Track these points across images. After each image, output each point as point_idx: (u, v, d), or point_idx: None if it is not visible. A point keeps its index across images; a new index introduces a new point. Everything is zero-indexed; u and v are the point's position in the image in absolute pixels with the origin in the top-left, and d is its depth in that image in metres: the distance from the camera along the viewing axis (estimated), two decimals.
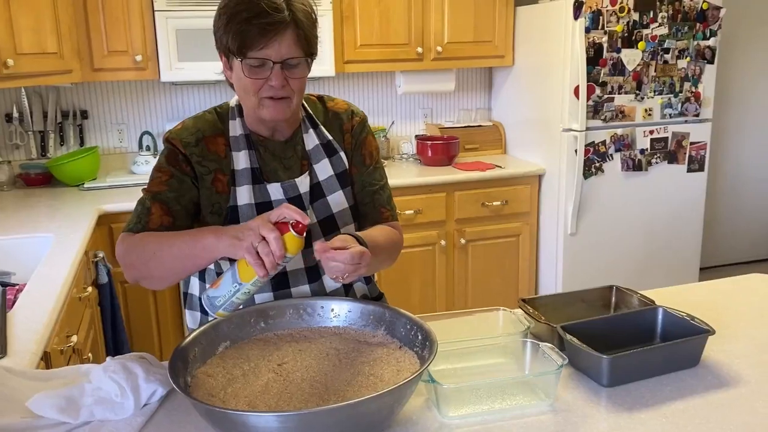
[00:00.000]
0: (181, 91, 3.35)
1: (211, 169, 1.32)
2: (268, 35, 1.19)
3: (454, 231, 3.26)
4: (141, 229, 1.28)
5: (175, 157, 1.31)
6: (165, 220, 1.28)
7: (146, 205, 1.30)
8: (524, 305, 1.42)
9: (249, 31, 1.19)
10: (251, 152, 1.34)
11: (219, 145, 1.33)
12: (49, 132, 3.17)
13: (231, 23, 1.21)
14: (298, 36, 1.22)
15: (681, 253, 3.50)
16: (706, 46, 3.26)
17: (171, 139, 1.33)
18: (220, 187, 1.32)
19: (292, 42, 1.22)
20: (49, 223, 2.46)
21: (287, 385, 1.07)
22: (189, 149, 1.31)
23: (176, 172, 1.30)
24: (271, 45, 1.20)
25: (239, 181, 1.32)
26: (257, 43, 1.20)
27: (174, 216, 1.29)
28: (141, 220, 1.29)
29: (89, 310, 2.23)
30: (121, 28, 2.88)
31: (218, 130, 1.34)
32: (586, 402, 1.16)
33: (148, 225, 1.28)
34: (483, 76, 3.86)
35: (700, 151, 3.40)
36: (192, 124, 1.35)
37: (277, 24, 1.19)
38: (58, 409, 1.06)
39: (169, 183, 1.30)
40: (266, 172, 1.36)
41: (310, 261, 1.37)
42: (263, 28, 1.19)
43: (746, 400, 1.15)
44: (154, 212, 1.28)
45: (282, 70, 1.23)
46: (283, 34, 1.20)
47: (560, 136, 3.22)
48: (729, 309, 1.54)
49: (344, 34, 3.18)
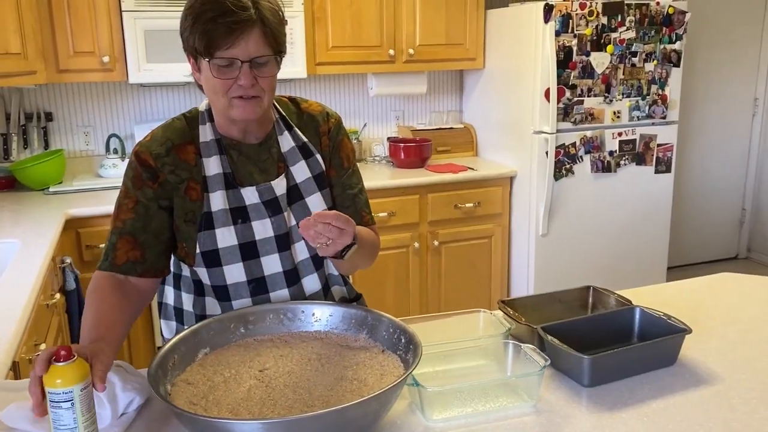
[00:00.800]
0: (149, 92, 3.30)
1: (184, 178, 1.30)
2: (234, 34, 1.18)
3: (428, 233, 3.27)
4: (108, 267, 1.27)
5: (140, 179, 1.29)
6: (132, 255, 1.28)
7: (112, 241, 1.29)
8: (504, 307, 1.43)
9: (215, 31, 1.17)
10: (222, 157, 1.32)
11: (189, 153, 1.31)
12: (12, 135, 3.08)
13: (197, 23, 1.19)
14: (266, 34, 1.21)
15: (649, 252, 3.56)
16: (672, 49, 3.33)
17: (140, 153, 1.30)
18: (194, 195, 1.30)
19: (259, 40, 1.20)
20: (14, 228, 2.39)
21: (270, 392, 1.05)
22: (160, 160, 1.29)
23: (141, 197, 1.28)
24: (238, 44, 1.18)
25: (212, 186, 1.30)
26: (224, 42, 1.18)
27: (143, 247, 1.28)
28: (108, 257, 1.28)
29: (57, 317, 2.18)
30: (87, 29, 2.82)
31: (187, 137, 1.32)
32: (567, 402, 1.16)
33: (115, 262, 1.28)
34: (454, 78, 3.88)
35: (666, 152, 3.46)
36: (161, 134, 1.32)
37: (243, 22, 1.18)
38: (31, 421, 1.03)
39: (136, 210, 1.29)
40: (240, 176, 1.34)
41: (288, 264, 1.35)
42: (229, 27, 1.17)
43: (723, 397, 1.17)
44: (119, 248, 1.28)
45: (251, 69, 1.21)
46: (249, 33, 1.19)
47: (531, 138, 3.25)
48: (702, 308, 1.57)
49: (316, 35, 3.17)
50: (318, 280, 1.39)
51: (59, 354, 0.90)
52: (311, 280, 1.38)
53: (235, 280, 1.33)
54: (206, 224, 1.30)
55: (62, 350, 0.90)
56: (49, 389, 0.89)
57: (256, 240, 1.33)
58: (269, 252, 1.34)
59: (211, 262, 1.32)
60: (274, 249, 1.34)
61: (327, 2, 3.15)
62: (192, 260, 1.33)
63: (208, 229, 1.30)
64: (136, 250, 1.27)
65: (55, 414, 0.90)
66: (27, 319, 1.62)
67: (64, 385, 0.89)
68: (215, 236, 1.30)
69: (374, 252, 1.43)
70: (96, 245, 2.69)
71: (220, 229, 1.30)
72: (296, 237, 1.36)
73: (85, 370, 0.92)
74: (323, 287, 1.41)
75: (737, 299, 1.63)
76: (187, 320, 1.39)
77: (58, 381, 0.89)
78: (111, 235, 1.30)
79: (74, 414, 0.90)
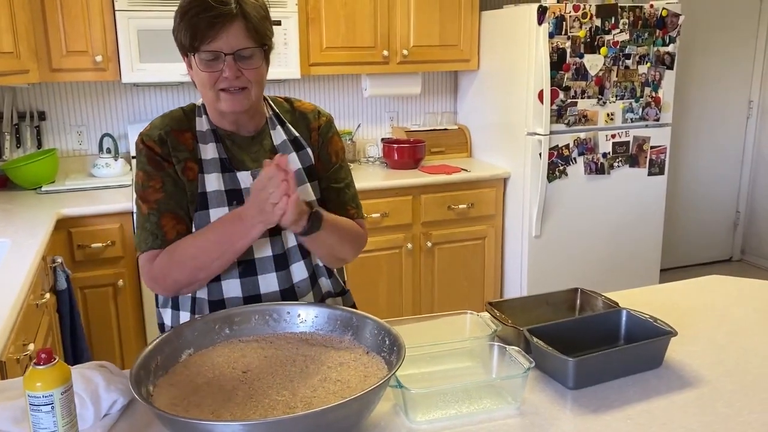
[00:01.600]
0: (143, 92, 3.29)
1: (182, 159, 1.35)
2: (215, 27, 1.24)
3: (421, 234, 3.27)
4: (161, 245, 1.31)
5: (157, 161, 1.34)
6: (180, 228, 1.33)
7: (153, 220, 1.32)
8: (491, 308, 1.43)
9: (197, 25, 1.24)
10: (218, 145, 1.37)
11: (187, 139, 1.36)
12: (5, 134, 3.07)
13: (183, 20, 1.26)
14: (247, 27, 1.26)
15: (642, 254, 3.56)
16: (665, 52, 3.33)
17: (145, 141, 1.35)
18: (191, 175, 1.35)
19: (241, 33, 1.26)
20: (6, 227, 2.38)
21: (253, 393, 1.05)
22: (162, 146, 1.34)
23: (165, 177, 1.33)
24: (219, 37, 1.24)
25: (207, 169, 1.35)
26: (206, 36, 1.24)
27: (183, 220, 1.34)
28: (158, 236, 1.31)
29: (47, 317, 2.17)
30: (80, 28, 2.82)
31: (185, 126, 1.37)
32: (552, 404, 1.16)
33: (167, 238, 1.31)
34: (449, 79, 3.88)
35: (660, 154, 3.47)
36: (160, 122, 1.38)
37: (223, 16, 1.24)
38: (13, 421, 1.02)
39: (165, 190, 1.33)
40: (235, 163, 1.38)
41: (278, 249, 1.38)
42: (210, 22, 1.24)
43: (708, 400, 1.17)
44: (165, 224, 1.32)
45: (235, 62, 1.26)
46: (230, 26, 1.25)
47: (525, 139, 3.25)
48: (690, 310, 1.57)
49: (310, 36, 3.16)
50: (305, 268, 1.42)
51: (40, 357, 0.89)
52: (299, 267, 1.41)
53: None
54: (201, 204, 1.34)
55: (43, 353, 0.89)
56: (29, 392, 0.89)
57: None
58: (261, 236, 1.35)
59: None
60: (266, 233, 1.36)
61: (321, 3, 3.15)
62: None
63: (202, 209, 1.34)
64: (181, 223, 1.33)
65: (35, 417, 0.90)
66: (15, 318, 1.62)
67: (44, 389, 0.89)
68: (209, 216, 1.34)
69: (355, 243, 1.45)
70: (88, 245, 2.68)
71: (214, 209, 1.34)
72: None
73: (65, 373, 0.91)
74: (310, 276, 1.43)
75: (726, 302, 1.63)
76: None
77: (38, 384, 0.89)
78: (149, 216, 1.32)
79: (54, 417, 0.89)
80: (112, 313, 2.79)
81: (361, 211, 1.52)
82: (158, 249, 1.31)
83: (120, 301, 2.79)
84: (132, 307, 2.82)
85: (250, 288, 1.36)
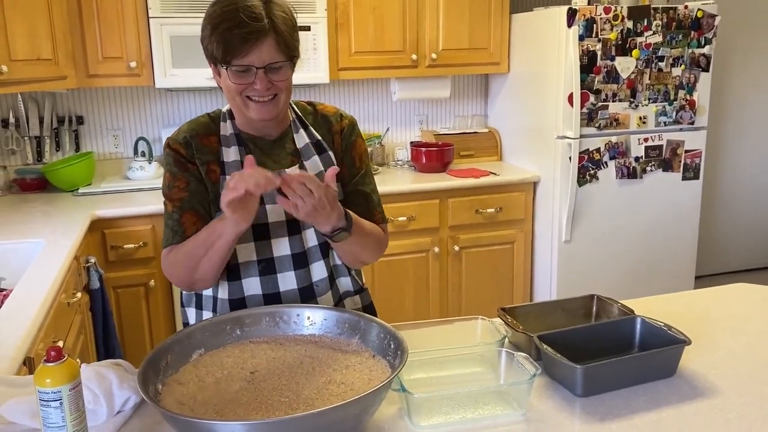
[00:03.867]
0: (176, 97, 3.37)
1: (205, 161, 1.38)
2: (248, 43, 1.26)
3: (448, 238, 3.26)
4: (180, 241, 1.35)
5: (182, 163, 1.38)
6: (199, 226, 1.35)
7: (175, 218, 1.37)
8: (503, 314, 1.42)
9: (230, 41, 1.26)
10: (241, 148, 1.40)
11: (212, 142, 1.40)
12: (45, 137, 3.18)
13: (214, 34, 1.28)
14: (278, 42, 1.28)
15: (676, 261, 3.49)
16: (701, 54, 3.26)
17: (171, 144, 1.40)
18: (214, 177, 1.39)
19: (272, 48, 1.28)
20: (42, 228, 2.47)
21: (257, 394, 1.07)
22: (187, 148, 1.38)
23: (190, 177, 1.38)
24: (252, 52, 1.26)
25: (228, 171, 1.38)
26: (239, 51, 1.26)
27: (204, 220, 1.37)
28: (177, 232, 1.36)
29: (79, 315, 2.24)
30: (115, 35, 2.90)
31: (211, 130, 1.41)
32: (559, 412, 1.16)
33: (185, 234, 1.35)
34: (479, 82, 3.86)
35: (695, 159, 3.39)
36: (187, 127, 1.43)
37: (256, 33, 1.26)
38: (30, 415, 1.06)
39: (189, 189, 1.37)
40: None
41: (297, 248, 1.40)
42: (244, 38, 1.25)
43: (720, 411, 1.14)
44: (185, 221, 1.36)
45: (266, 75, 1.29)
46: (263, 42, 1.26)
47: (554, 143, 3.22)
48: (710, 318, 1.54)
49: (339, 41, 3.19)
50: (325, 267, 1.43)
51: (49, 354, 0.93)
52: (319, 266, 1.43)
53: (245, 259, 1.39)
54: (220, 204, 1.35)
55: (52, 351, 0.93)
56: (39, 388, 0.93)
57: (268, 222, 1.39)
58: (280, 235, 1.40)
59: None
60: (285, 233, 1.40)
61: (350, 8, 3.18)
62: None
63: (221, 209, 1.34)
64: (200, 222, 1.36)
65: (45, 412, 0.93)
66: (44, 316, 1.68)
67: (53, 385, 0.92)
68: None
69: (377, 247, 1.46)
70: (121, 246, 2.76)
71: None
72: (307, 225, 1.41)
73: (74, 370, 0.95)
74: (329, 276, 1.45)
75: (748, 311, 1.59)
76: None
77: (48, 381, 0.92)
78: (172, 214, 1.38)
79: (63, 413, 0.93)
80: (143, 312, 2.87)
81: (385, 216, 1.54)
82: (176, 245, 1.36)
83: (151, 300, 2.87)
84: (163, 307, 2.89)
85: (269, 286, 1.39)
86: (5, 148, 3.15)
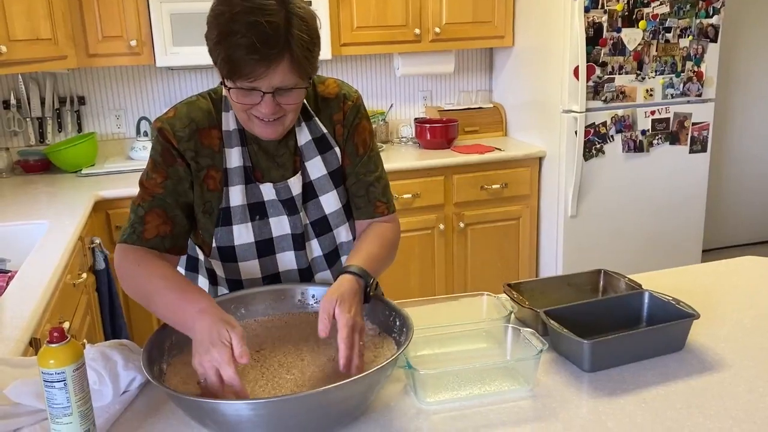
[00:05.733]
0: (177, 75, 3.34)
1: (204, 165, 1.26)
2: (258, 70, 1.10)
3: (453, 215, 3.25)
4: (135, 241, 1.23)
5: (169, 153, 1.25)
6: (162, 230, 1.24)
7: (140, 213, 1.25)
8: (509, 290, 1.41)
9: (237, 63, 1.09)
10: (244, 149, 1.28)
11: (213, 139, 1.27)
12: (47, 118, 3.17)
13: (221, 44, 1.10)
14: (292, 64, 1.12)
15: (683, 235, 3.47)
16: (709, 24, 3.20)
17: (164, 131, 1.25)
18: (212, 184, 1.27)
19: (285, 72, 1.12)
20: (46, 209, 2.47)
21: (264, 372, 1.07)
22: (182, 144, 1.25)
23: (172, 173, 1.25)
24: (262, 77, 1.11)
25: (232, 180, 1.27)
26: (246, 75, 1.11)
27: (173, 222, 1.25)
28: (135, 230, 1.24)
29: (85, 296, 2.24)
30: (115, 13, 2.87)
31: (213, 122, 1.27)
32: (566, 387, 1.15)
33: (144, 236, 1.23)
34: (484, 57, 3.82)
35: (702, 131, 3.35)
36: (185, 113, 1.27)
37: (268, 59, 1.09)
38: (36, 396, 1.06)
39: (165, 185, 1.25)
40: (258, 171, 1.31)
41: (303, 263, 1.35)
42: (254, 64, 1.09)
43: (728, 385, 1.13)
44: (149, 221, 1.24)
45: (273, 98, 1.15)
46: (275, 67, 1.11)
47: (560, 117, 3.18)
48: (718, 292, 1.53)
49: (340, 16, 3.15)
50: (332, 276, 1.38)
51: (52, 335, 0.93)
52: (325, 275, 1.38)
53: (249, 276, 1.33)
54: (224, 220, 1.29)
55: (55, 332, 0.92)
56: (42, 369, 0.93)
57: (273, 237, 1.32)
58: (285, 249, 1.33)
59: (226, 258, 1.32)
60: (290, 246, 1.33)
61: None
62: (208, 250, 1.34)
63: (225, 225, 1.29)
64: (166, 224, 1.24)
65: (49, 393, 0.93)
66: (49, 297, 1.68)
67: (56, 366, 0.92)
68: (232, 233, 1.29)
69: (391, 254, 1.37)
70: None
71: (237, 225, 1.29)
72: (311, 235, 1.35)
73: (77, 351, 0.94)
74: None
75: (756, 284, 1.57)
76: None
77: (51, 362, 0.92)
78: (138, 207, 1.26)
79: (67, 393, 0.93)
80: None
81: (392, 204, 1.41)
82: (132, 244, 1.24)
83: None
84: None
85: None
86: (7, 130, 3.14)
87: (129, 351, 1.18)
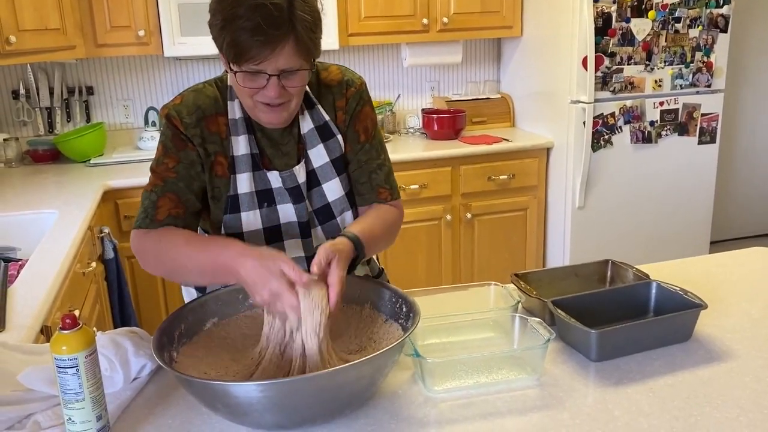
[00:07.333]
0: (185, 65, 3.35)
1: (211, 152, 1.28)
2: (264, 52, 1.12)
3: (460, 205, 3.25)
4: (149, 225, 1.26)
5: (179, 138, 1.27)
6: (174, 212, 1.26)
7: (153, 198, 1.26)
8: (516, 280, 1.42)
9: (242, 45, 1.12)
10: (250, 137, 1.29)
11: (220, 125, 1.28)
12: (56, 108, 3.18)
13: (226, 29, 1.12)
14: (297, 46, 1.14)
15: (691, 226, 3.46)
16: (719, 14, 3.18)
17: (171, 117, 1.27)
18: (220, 170, 1.29)
19: (290, 54, 1.14)
20: (54, 199, 2.48)
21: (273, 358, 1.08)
22: (189, 131, 1.26)
23: (184, 158, 1.26)
24: (267, 59, 1.13)
25: (239, 167, 1.29)
26: (252, 58, 1.13)
27: (185, 206, 1.27)
28: (148, 215, 1.26)
29: (95, 285, 2.26)
30: (123, 3, 2.87)
31: (219, 108, 1.29)
32: (573, 376, 1.15)
33: (156, 218, 1.25)
34: (492, 47, 3.80)
35: (711, 122, 3.33)
36: (192, 100, 1.28)
37: (274, 41, 1.11)
38: (48, 382, 1.08)
39: (177, 170, 1.26)
40: (265, 158, 1.32)
41: (309, 250, 1.35)
42: (259, 46, 1.11)
43: (735, 375, 1.14)
44: (161, 205, 1.25)
45: (279, 81, 1.17)
46: (281, 49, 1.13)
47: (568, 108, 3.17)
48: (726, 283, 1.53)
49: (348, 6, 3.14)
50: None
51: (65, 322, 0.94)
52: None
53: None
54: (232, 207, 1.30)
55: (67, 318, 0.93)
56: (55, 356, 0.94)
57: (280, 224, 1.33)
58: (292, 236, 1.34)
59: None
60: (297, 234, 1.34)
61: None
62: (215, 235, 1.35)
63: (233, 212, 1.30)
64: (179, 207, 1.26)
65: (62, 379, 0.94)
66: (60, 285, 1.69)
67: (69, 352, 0.93)
68: (240, 220, 1.30)
69: (390, 234, 1.38)
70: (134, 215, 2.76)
71: (245, 212, 1.30)
72: (315, 223, 1.36)
73: (89, 337, 0.96)
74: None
75: (764, 275, 1.57)
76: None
77: (64, 348, 0.93)
78: (150, 193, 1.27)
79: (79, 379, 0.94)
80: (158, 281, 2.89)
81: (396, 191, 1.41)
82: (146, 228, 1.26)
83: None
84: None
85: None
86: (17, 120, 3.15)
87: (139, 338, 1.19)
